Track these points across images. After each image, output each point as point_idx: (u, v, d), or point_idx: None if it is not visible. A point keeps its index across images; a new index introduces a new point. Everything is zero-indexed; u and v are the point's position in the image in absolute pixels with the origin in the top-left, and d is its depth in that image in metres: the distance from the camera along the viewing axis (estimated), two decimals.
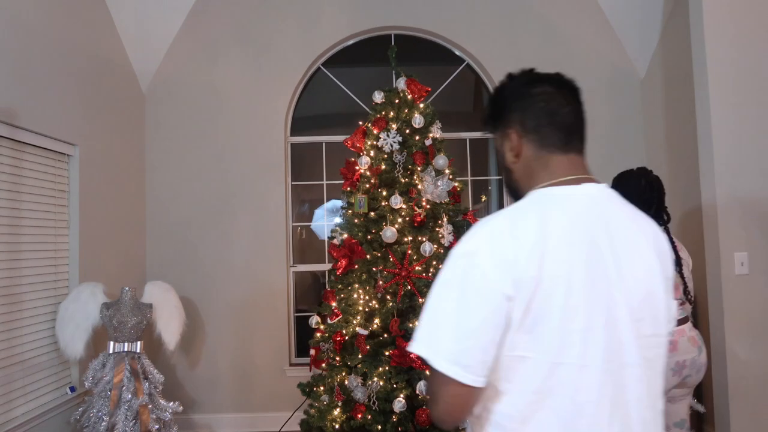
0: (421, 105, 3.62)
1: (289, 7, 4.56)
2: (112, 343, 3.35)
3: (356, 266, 3.38)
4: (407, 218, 3.37)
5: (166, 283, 3.79)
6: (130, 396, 3.22)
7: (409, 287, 3.26)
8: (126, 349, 3.36)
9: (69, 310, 3.33)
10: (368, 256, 3.36)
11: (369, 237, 3.44)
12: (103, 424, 3.17)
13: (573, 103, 1.15)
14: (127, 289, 3.48)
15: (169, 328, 3.61)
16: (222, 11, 4.47)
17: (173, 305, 3.68)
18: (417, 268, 3.25)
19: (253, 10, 4.55)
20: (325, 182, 4.67)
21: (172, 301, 3.70)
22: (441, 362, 1.02)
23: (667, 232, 2.53)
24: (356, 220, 3.48)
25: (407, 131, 3.54)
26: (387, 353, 3.24)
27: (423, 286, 3.28)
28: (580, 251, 1.02)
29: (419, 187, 3.42)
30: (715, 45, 3.05)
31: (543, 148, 1.13)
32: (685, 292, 2.48)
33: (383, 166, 3.48)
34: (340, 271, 3.40)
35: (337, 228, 3.63)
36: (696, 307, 3.84)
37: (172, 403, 3.40)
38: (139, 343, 3.41)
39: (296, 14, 4.56)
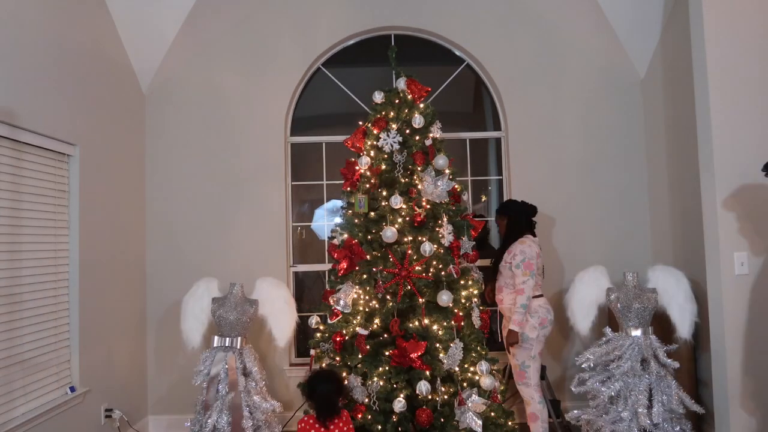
0: (421, 105, 3.62)
1: (289, 7, 4.56)
2: (216, 337, 3.45)
3: (357, 267, 3.38)
4: (407, 218, 3.37)
5: (276, 279, 3.78)
6: (224, 390, 3.26)
7: (409, 287, 3.26)
8: (227, 344, 3.40)
9: (188, 304, 3.56)
10: (368, 257, 3.36)
11: (369, 237, 3.44)
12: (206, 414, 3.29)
13: None
14: (236, 284, 3.55)
15: (280, 324, 3.59)
16: (222, 11, 4.47)
17: (284, 301, 3.63)
18: (417, 268, 3.25)
19: (254, 10, 4.55)
20: (325, 182, 4.67)
21: (283, 296, 3.65)
22: None
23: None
24: (356, 220, 3.48)
25: (407, 131, 3.55)
26: (387, 353, 3.24)
27: (423, 286, 3.28)
28: None
29: (419, 187, 3.42)
30: (715, 45, 3.05)
31: None
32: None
33: (383, 166, 3.48)
34: (341, 272, 3.41)
35: (337, 228, 3.63)
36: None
37: (268, 403, 3.38)
38: (239, 338, 3.44)
39: (296, 14, 4.56)
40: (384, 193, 3.44)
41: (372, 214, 3.46)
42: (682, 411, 3.13)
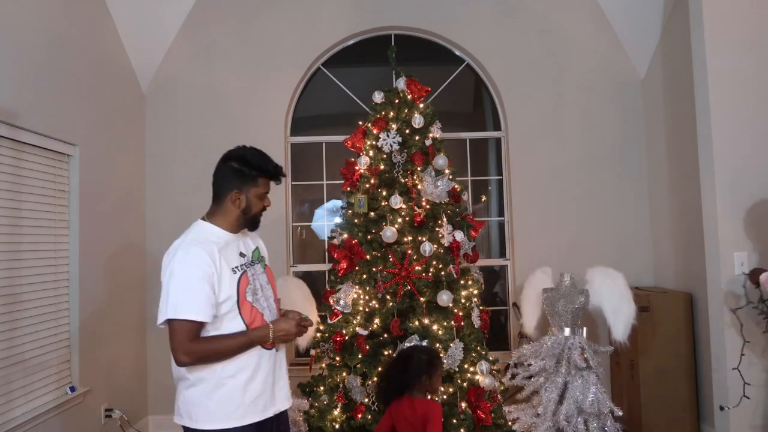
0: (421, 105, 3.62)
1: (289, 7, 4.56)
2: None
3: (357, 267, 3.38)
4: (407, 218, 3.37)
5: (296, 278, 3.76)
6: None
7: (408, 287, 3.26)
8: None
9: None
10: (368, 257, 3.36)
11: (369, 237, 3.44)
12: None
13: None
14: None
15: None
16: (222, 11, 4.47)
17: (305, 300, 3.58)
18: (417, 268, 3.25)
19: (253, 9, 4.55)
20: (325, 182, 4.67)
21: (304, 296, 3.60)
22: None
23: None
24: (356, 220, 3.48)
25: (407, 131, 3.54)
26: (387, 353, 3.24)
27: (423, 286, 3.28)
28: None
29: (419, 187, 3.42)
30: (715, 45, 3.05)
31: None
32: None
33: (382, 166, 3.48)
34: (341, 272, 3.40)
35: (337, 228, 3.63)
36: (696, 306, 3.84)
37: (296, 401, 3.26)
38: None
39: (296, 14, 4.56)
40: (384, 193, 3.44)
41: (372, 214, 3.45)
42: (604, 410, 3.11)
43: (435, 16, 4.56)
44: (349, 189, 3.56)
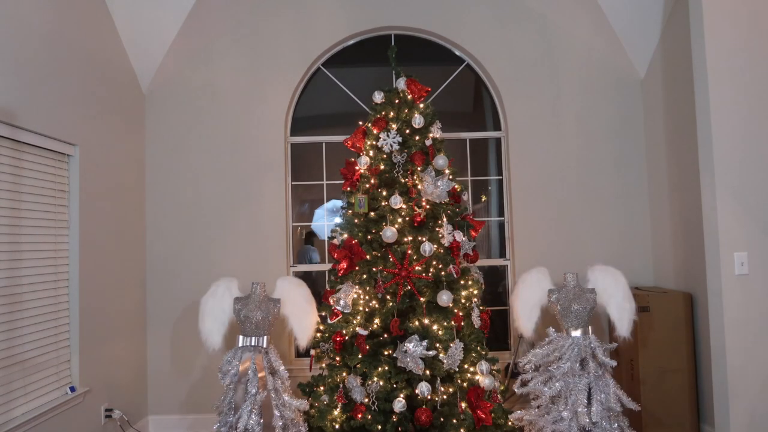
0: (421, 105, 3.62)
1: (289, 7, 4.56)
2: (241, 337, 3.40)
3: (357, 267, 3.38)
4: (407, 218, 3.38)
5: (296, 278, 3.73)
6: (254, 390, 3.24)
7: (409, 287, 3.26)
8: (253, 344, 3.38)
9: (208, 304, 3.48)
10: (368, 257, 3.36)
11: (369, 237, 3.44)
12: (234, 415, 3.25)
13: None
14: (256, 284, 3.51)
15: (301, 324, 3.53)
16: (222, 11, 4.47)
17: (305, 300, 3.57)
18: (417, 268, 3.26)
19: (253, 10, 4.55)
20: (325, 182, 4.68)
21: (304, 296, 3.59)
22: None
23: None
24: (356, 220, 3.48)
25: (407, 131, 3.55)
26: (387, 353, 3.24)
27: (423, 286, 3.28)
28: None
29: (419, 187, 3.42)
30: (715, 45, 3.05)
31: None
32: None
33: (382, 166, 3.48)
34: (341, 272, 3.41)
35: (337, 228, 3.63)
36: (696, 306, 3.85)
37: (297, 401, 3.36)
38: (265, 337, 3.41)
39: (296, 14, 4.56)
40: (384, 193, 3.45)
41: (372, 214, 3.46)
42: (620, 409, 3.12)
43: (435, 16, 4.57)
44: (349, 189, 3.57)
